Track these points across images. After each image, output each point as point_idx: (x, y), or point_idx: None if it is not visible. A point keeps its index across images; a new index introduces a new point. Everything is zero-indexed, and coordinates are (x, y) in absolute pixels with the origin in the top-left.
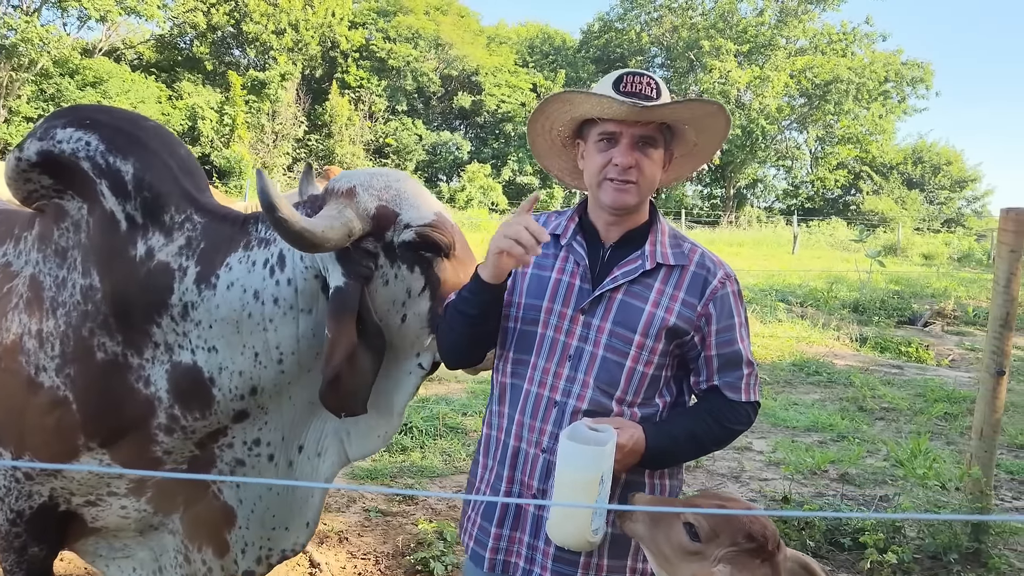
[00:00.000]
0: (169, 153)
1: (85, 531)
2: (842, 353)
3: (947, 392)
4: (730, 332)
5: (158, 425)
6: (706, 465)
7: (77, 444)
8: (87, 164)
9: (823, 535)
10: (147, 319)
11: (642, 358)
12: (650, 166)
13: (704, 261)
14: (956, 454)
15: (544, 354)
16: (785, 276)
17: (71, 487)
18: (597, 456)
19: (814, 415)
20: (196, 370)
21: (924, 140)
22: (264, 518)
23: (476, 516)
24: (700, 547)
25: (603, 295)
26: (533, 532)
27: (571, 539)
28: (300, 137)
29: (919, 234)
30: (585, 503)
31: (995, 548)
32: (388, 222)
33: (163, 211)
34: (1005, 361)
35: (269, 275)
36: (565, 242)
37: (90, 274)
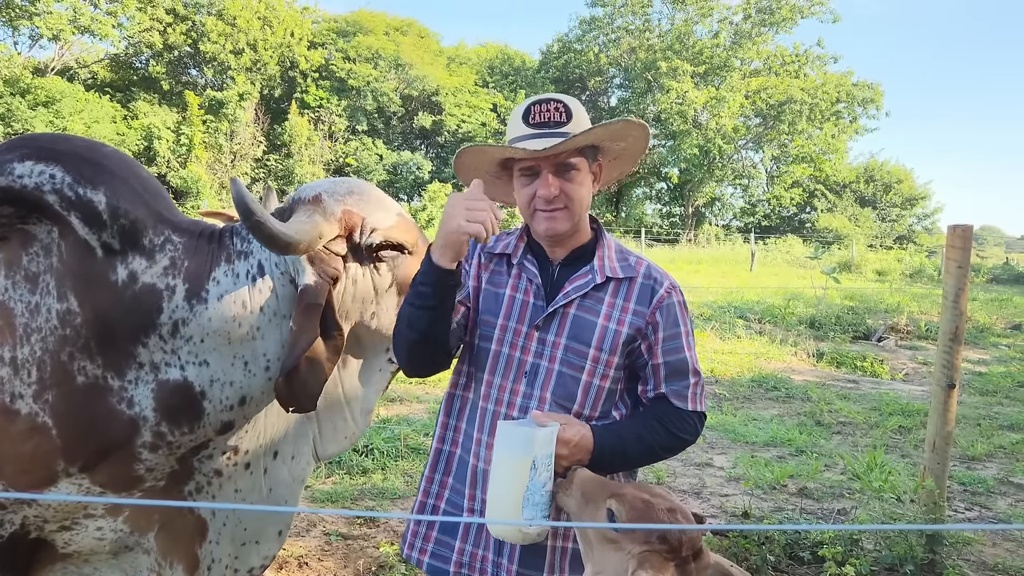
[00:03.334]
0: (135, 177)
1: (54, 558)
2: (799, 368)
3: (901, 406)
4: (676, 340)
5: (143, 443)
6: (668, 482)
7: (56, 470)
8: (53, 198)
9: (783, 549)
10: (132, 340)
11: (598, 372)
12: (575, 189)
13: (651, 272)
14: (911, 466)
15: (500, 371)
16: (743, 293)
17: (46, 514)
18: (528, 439)
19: (773, 430)
20: (186, 386)
21: (875, 159)
22: (235, 532)
23: (433, 532)
24: (617, 537)
25: (556, 311)
26: (497, 549)
27: (504, 528)
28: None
29: (872, 251)
30: (516, 487)
31: (949, 559)
32: (355, 225)
33: (141, 235)
34: (955, 374)
35: (252, 284)
36: (516, 260)
37: (67, 299)
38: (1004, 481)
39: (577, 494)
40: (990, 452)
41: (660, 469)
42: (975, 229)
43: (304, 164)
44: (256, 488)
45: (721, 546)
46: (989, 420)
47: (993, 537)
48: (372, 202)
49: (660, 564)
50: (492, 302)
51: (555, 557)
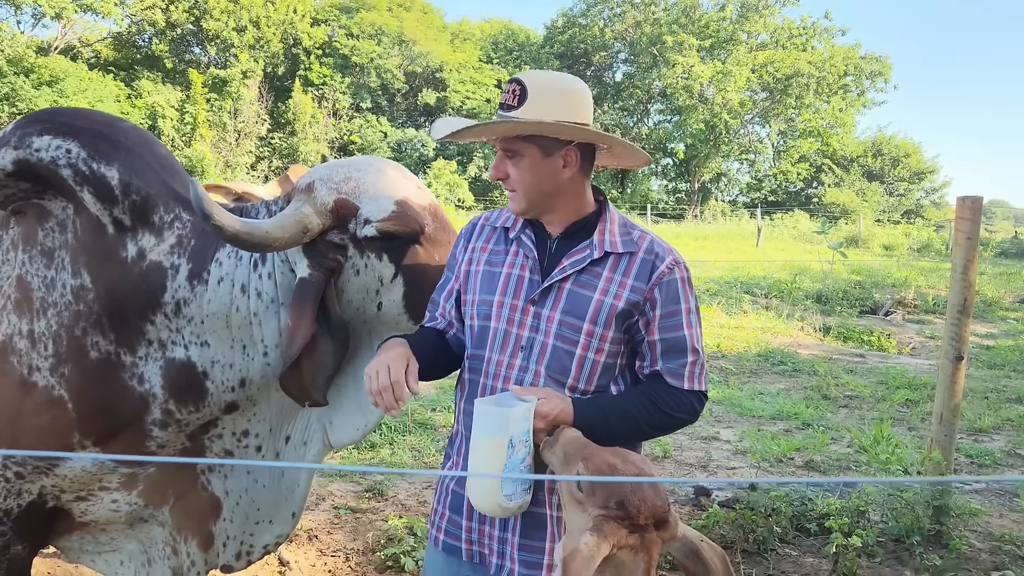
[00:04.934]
0: (151, 154)
1: (72, 526)
2: (806, 343)
3: (908, 379)
4: (675, 318)
5: (153, 420)
6: (674, 455)
7: (72, 443)
8: (68, 172)
9: (789, 521)
10: (141, 317)
11: (592, 345)
12: (519, 174)
13: (653, 247)
14: (917, 439)
15: (497, 347)
16: (749, 268)
17: (62, 484)
18: (503, 417)
19: (779, 404)
20: (190, 365)
21: (883, 133)
22: (249, 511)
23: (444, 509)
24: (582, 498)
25: (552, 285)
26: (501, 525)
27: (484, 503)
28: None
29: (879, 225)
30: (494, 466)
31: (956, 529)
32: (349, 215)
33: (152, 212)
34: (963, 347)
35: (253, 269)
36: (514, 235)
37: (80, 275)
38: (1011, 453)
39: (560, 452)
40: (997, 425)
41: (667, 443)
42: (984, 203)
43: (308, 142)
44: (268, 470)
45: (728, 518)
46: (996, 393)
47: (1000, 508)
48: (369, 189)
49: (613, 530)
50: (490, 281)
51: (554, 527)
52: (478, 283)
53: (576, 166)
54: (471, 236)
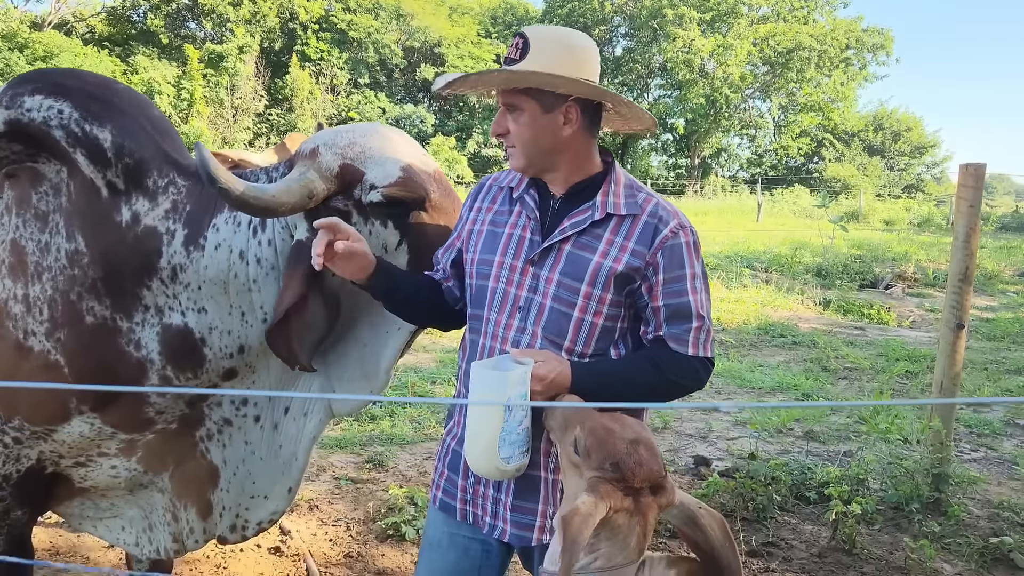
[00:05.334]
0: (145, 116)
1: (72, 492)
2: (806, 316)
3: (908, 351)
4: (679, 283)
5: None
6: (674, 426)
7: (69, 408)
8: (60, 133)
9: (789, 489)
10: (137, 283)
11: (590, 308)
12: (518, 129)
13: (657, 211)
14: (917, 409)
15: (496, 307)
16: (750, 243)
17: (61, 450)
18: (499, 381)
19: (779, 376)
20: (187, 331)
21: (884, 107)
22: (245, 484)
23: (443, 468)
24: (579, 462)
25: (552, 246)
26: (496, 485)
27: (482, 466)
28: (261, 112)
29: (880, 200)
30: (491, 429)
31: (955, 497)
32: (355, 180)
33: (146, 176)
34: (964, 315)
35: (252, 235)
36: (517, 195)
37: (75, 238)
38: (1010, 423)
39: (560, 418)
40: (997, 395)
41: (667, 414)
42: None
43: (306, 118)
44: (266, 442)
45: (727, 487)
46: (996, 365)
47: (999, 476)
48: (375, 155)
49: (608, 492)
50: (492, 241)
51: (548, 489)
52: (480, 243)
53: (577, 123)
54: (478, 196)
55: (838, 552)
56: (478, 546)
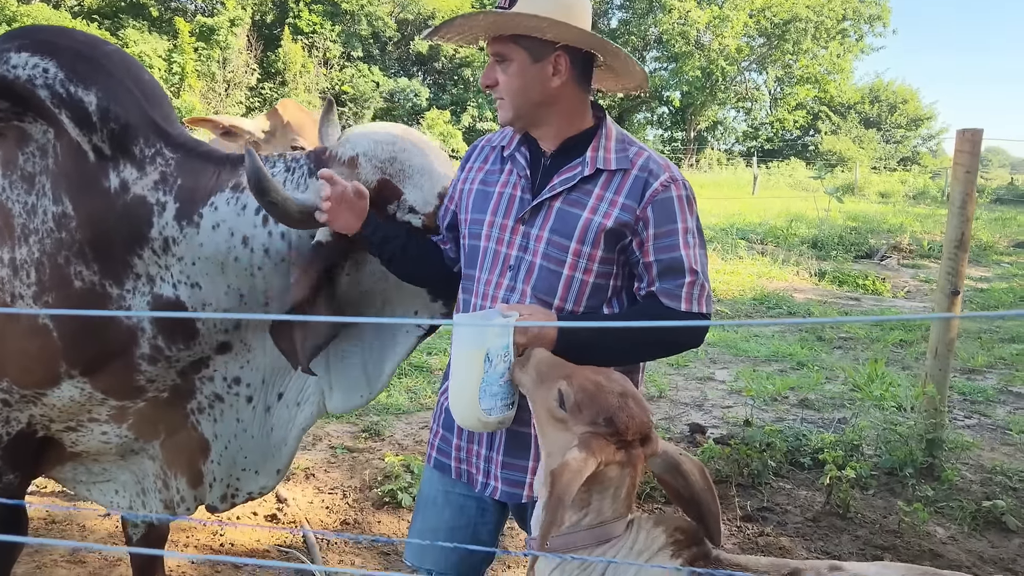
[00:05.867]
0: (133, 81)
1: (63, 457)
2: (802, 287)
3: (903, 321)
4: (671, 237)
5: (141, 355)
6: (669, 395)
7: (59, 372)
8: (45, 92)
9: (784, 455)
10: (127, 251)
11: (580, 265)
12: (507, 80)
13: (648, 164)
14: (911, 377)
15: (487, 267)
16: (745, 216)
17: (51, 414)
18: (480, 331)
19: (774, 345)
20: (179, 304)
21: (881, 79)
22: (236, 458)
23: (438, 427)
24: (565, 416)
25: (542, 204)
26: (488, 443)
27: (464, 418)
28: (253, 85)
29: (876, 173)
30: (471, 379)
31: (948, 462)
32: (392, 197)
33: (132, 143)
34: (959, 282)
35: (262, 224)
36: (508, 154)
37: (62, 202)
38: (1003, 390)
39: (532, 373)
40: (990, 363)
41: (662, 383)
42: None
43: (300, 92)
44: (257, 423)
45: (723, 453)
46: (990, 333)
47: (992, 442)
48: (415, 175)
49: (602, 446)
50: (483, 200)
51: (537, 447)
52: (471, 202)
53: (567, 74)
54: (471, 157)
55: (832, 516)
56: (473, 503)
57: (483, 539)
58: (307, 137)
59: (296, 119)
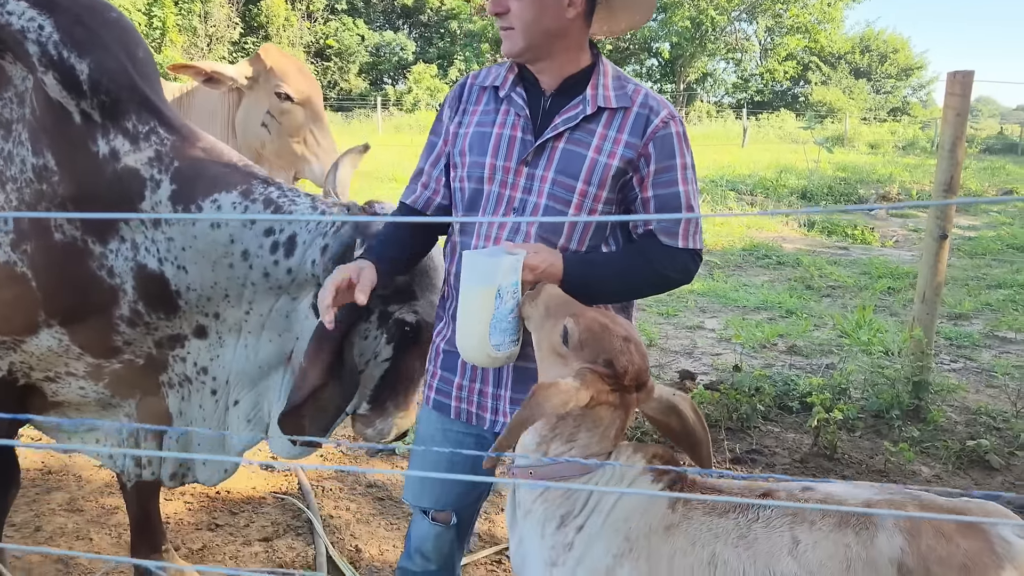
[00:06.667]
0: (128, 56)
1: (46, 405)
2: (791, 238)
3: (891, 269)
4: (669, 173)
5: (120, 316)
6: (660, 343)
7: (37, 320)
8: (34, 49)
9: (772, 400)
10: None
11: (585, 206)
12: (521, 8)
13: (648, 101)
14: (899, 324)
15: (490, 209)
16: (735, 168)
17: (31, 361)
18: (491, 268)
19: (764, 294)
20: (163, 280)
21: (871, 28)
22: (191, 441)
23: (436, 368)
24: (566, 353)
25: (545, 145)
26: (495, 382)
27: (473, 354)
28: (236, 40)
29: (866, 124)
30: (482, 315)
31: (934, 404)
32: (405, 298)
33: (123, 117)
34: (948, 225)
35: (270, 251)
36: (504, 94)
37: (43, 155)
38: (989, 335)
39: (541, 308)
40: (977, 309)
41: (652, 332)
42: (972, 102)
43: (283, 46)
44: (217, 418)
45: (712, 398)
46: (977, 280)
47: (976, 384)
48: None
49: (594, 382)
50: (481, 143)
51: None
52: (467, 144)
53: (581, 7)
54: (460, 97)
55: (819, 458)
56: (471, 440)
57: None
58: (290, 83)
59: (279, 65)
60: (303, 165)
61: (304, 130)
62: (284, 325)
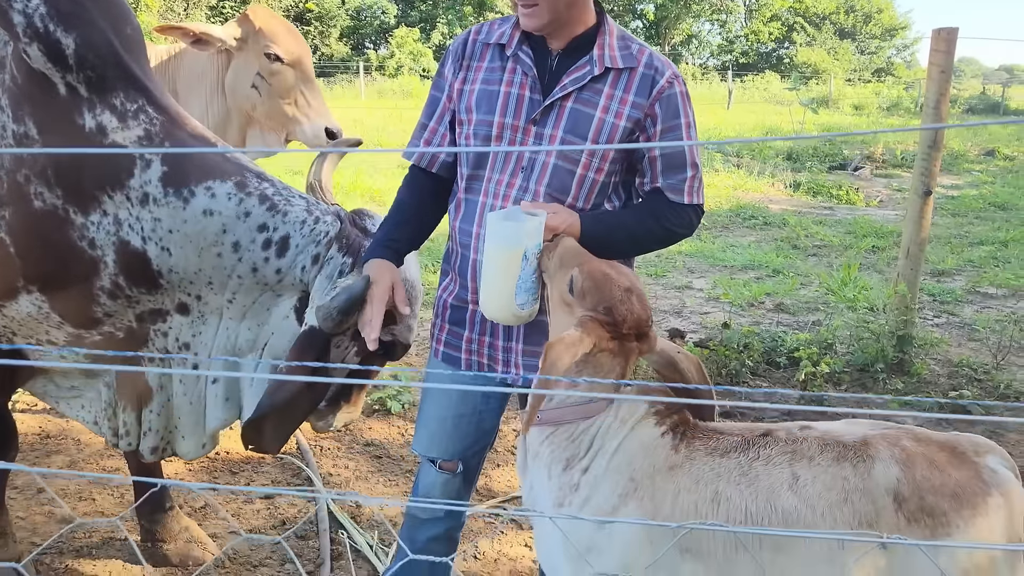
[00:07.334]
0: (116, 32)
1: (34, 371)
2: (777, 198)
3: (875, 228)
4: (675, 133)
5: (101, 287)
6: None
7: (16, 286)
8: (19, 19)
9: (761, 356)
10: (98, 187)
11: (593, 165)
12: None
13: (652, 61)
14: (884, 281)
15: (498, 167)
16: (721, 130)
17: (12, 326)
18: (517, 231)
19: (751, 254)
20: (145, 258)
21: None
22: (171, 416)
23: (443, 323)
24: (572, 301)
25: (553, 104)
26: (505, 335)
27: (498, 312)
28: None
29: (850, 85)
30: (509, 277)
31: (918, 357)
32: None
33: (111, 94)
34: (932, 182)
35: (262, 247)
36: (511, 52)
37: (24, 123)
38: (971, 291)
39: (556, 259)
40: (960, 266)
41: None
42: (954, 62)
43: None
44: (197, 394)
45: (702, 355)
46: (960, 238)
47: (959, 338)
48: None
49: (595, 329)
50: (488, 101)
51: None
52: (473, 102)
53: None
54: (462, 54)
55: (807, 411)
56: (479, 392)
57: (487, 424)
58: (280, 44)
59: (268, 25)
60: (294, 127)
61: (295, 91)
62: (264, 317)
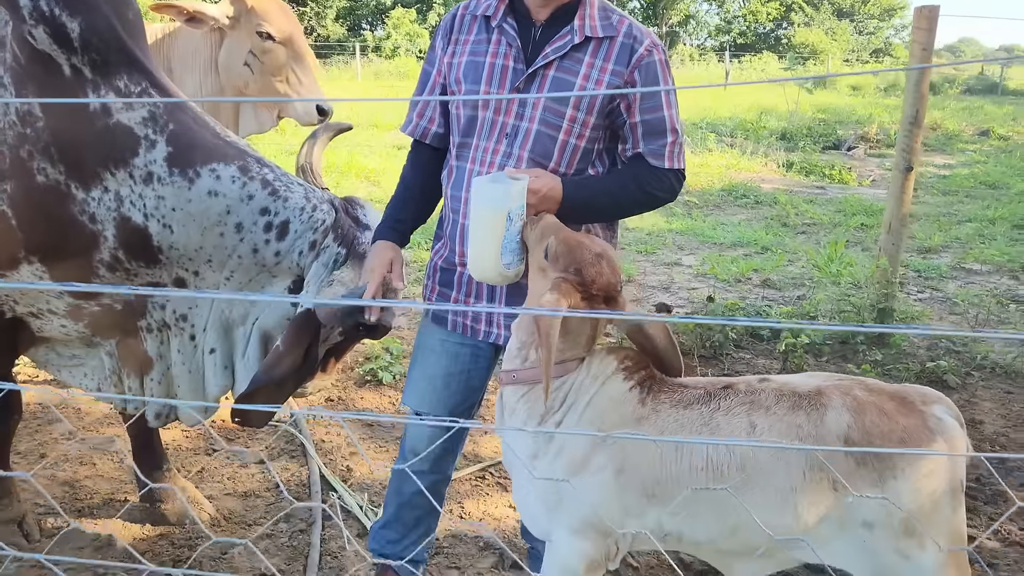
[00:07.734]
0: (118, 17)
1: (35, 340)
2: (769, 178)
3: (865, 206)
4: (655, 99)
5: (100, 260)
6: (638, 279)
7: (18, 256)
8: (25, 1)
9: (744, 328)
10: (100, 164)
11: (574, 131)
12: None
13: (632, 31)
14: (870, 257)
15: (484, 135)
16: (716, 110)
17: (14, 295)
18: (502, 194)
19: (740, 232)
20: (146, 234)
21: None
22: (171, 385)
23: (434, 284)
24: (546, 266)
25: (536, 72)
26: (489, 297)
27: (486, 273)
28: None
29: (848, 65)
30: (494, 238)
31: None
32: None
33: (115, 76)
34: (913, 158)
35: (264, 230)
36: (496, 23)
37: None
38: (956, 267)
39: (537, 232)
40: (946, 243)
41: (631, 269)
42: (954, 42)
43: None
44: (196, 364)
45: (687, 328)
46: (948, 216)
47: (940, 312)
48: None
49: (567, 290)
50: (474, 71)
51: None
52: (461, 73)
53: None
54: (452, 28)
55: None
56: (467, 351)
57: (475, 383)
58: (272, 22)
59: (260, 4)
60: (286, 104)
61: (286, 69)
62: (255, 291)
